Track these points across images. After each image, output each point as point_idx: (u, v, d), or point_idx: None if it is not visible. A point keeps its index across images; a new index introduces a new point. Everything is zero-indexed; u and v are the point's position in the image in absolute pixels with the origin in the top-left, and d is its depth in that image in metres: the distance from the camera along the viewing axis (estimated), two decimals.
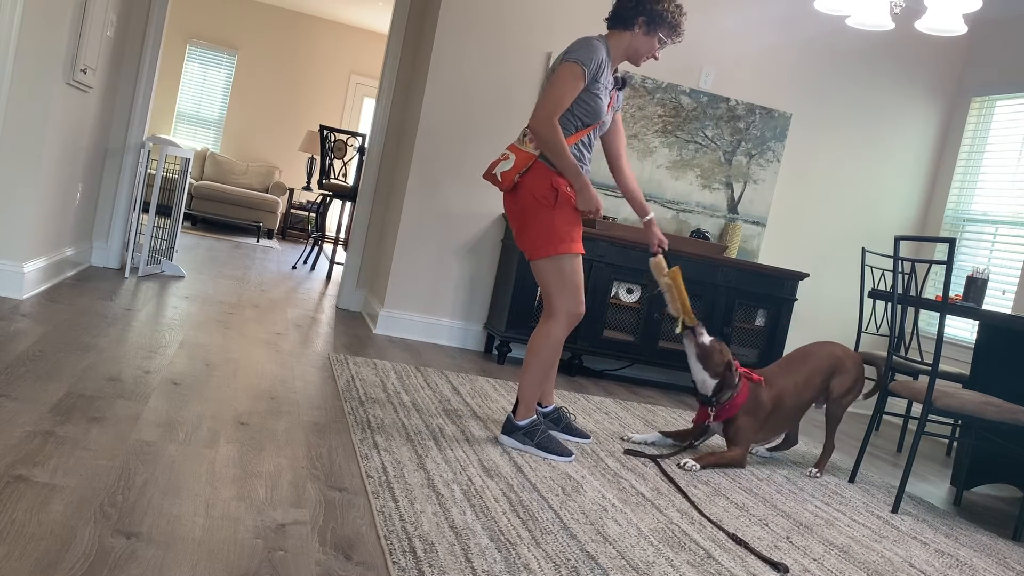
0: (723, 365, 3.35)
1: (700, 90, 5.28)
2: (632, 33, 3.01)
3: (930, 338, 5.41)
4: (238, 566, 1.73)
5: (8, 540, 1.64)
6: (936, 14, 3.71)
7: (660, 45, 3.05)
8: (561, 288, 2.97)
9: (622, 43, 3.03)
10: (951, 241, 3.15)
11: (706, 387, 3.36)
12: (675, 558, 2.26)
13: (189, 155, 5.58)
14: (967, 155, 5.57)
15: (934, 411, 3.15)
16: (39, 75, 3.77)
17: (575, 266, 2.98)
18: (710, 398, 3.37)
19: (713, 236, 5.35)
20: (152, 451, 2.28)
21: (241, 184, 9.92)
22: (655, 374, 5.39)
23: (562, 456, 2.99)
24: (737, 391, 3.36)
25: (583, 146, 3.03)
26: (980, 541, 3.05)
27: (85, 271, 4.99)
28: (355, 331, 4.86)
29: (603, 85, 2.97)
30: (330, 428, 2.83)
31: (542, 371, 3.04)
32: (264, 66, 10.44)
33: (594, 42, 2.93)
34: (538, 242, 2.96)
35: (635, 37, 3.01)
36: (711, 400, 3.37)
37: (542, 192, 2.94)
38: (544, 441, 3.00)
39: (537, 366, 3.02)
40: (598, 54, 2.92)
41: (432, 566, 1.90)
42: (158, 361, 3.23)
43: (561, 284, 2.97)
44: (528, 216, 2.97)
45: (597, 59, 2.91)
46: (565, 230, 2.95)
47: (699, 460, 3.27)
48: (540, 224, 2.95)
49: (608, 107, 3.05)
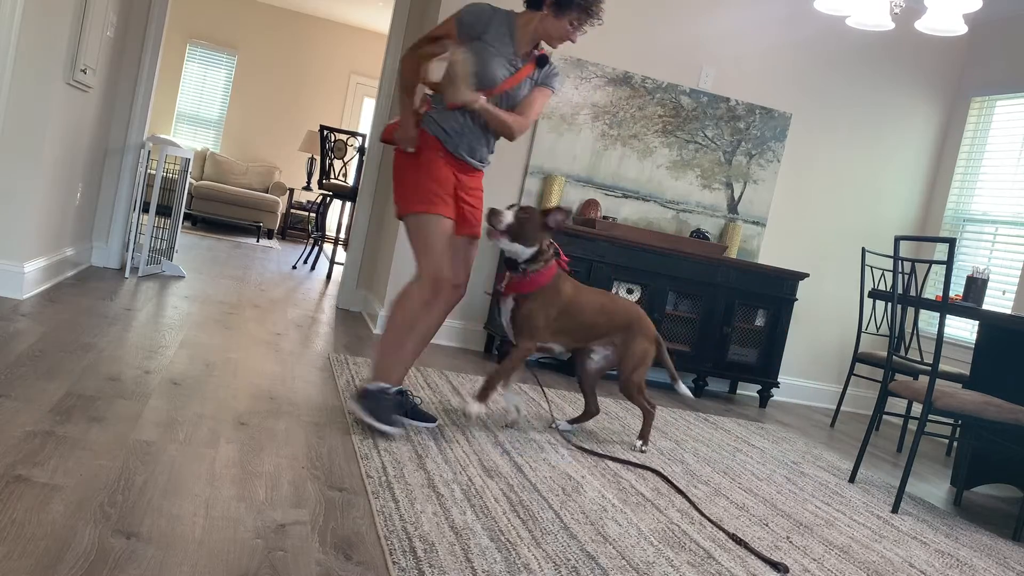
0: (539, 226, 3.07)
1: (700, 90, 5.28)
2: (542, 14, 2.99)
3: (930, 338, 5.41)
4: (238, 566, 1.73)
5: (8, 540, 1.64)
6: (936, 14, 3.71)
7: (573, 28, 2.99)
8: (424, 250, 2.92)
9: (531, 22, 3.00)
10: (951, 241, 3.15)
11: (520, 255, 3.11)
12: (675, 558, 2.26)
13: (189, 155, 5.58)
14: (967, 155, 5.57)
15: (934, 411, 3.15)
16: (39, 75, 3.77)
17: (438, 229, 2.92)
18: (519, 265, 3.12)
19: (713, 236, 5.35)
20: (152, 451, 2.28)
21: (241, 184, 9.92)
22: (655, 374, 5.39)
23: (389, 427, 2.84)
24: (545, 267, 3.12)
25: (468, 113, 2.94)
26: (980, 541, 3.05)
27: (85, 271, 4.99)
28: (355, 331, 4.86)
29: (492, 49, 2.93)
30: (330, 428, 2.83)
31: (395, 336, 2.94)
32: (264, 66, 10.44)
33: (482, 5, 2.98)
34: (402, 199, 2.97)
35: (545, 19, 2.98)
36: (518, 267, 3.12)
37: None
38: (375, 408, 2.86)
39: (391, 329, 2.94)
40: (482, 15, 2.96)
41: (432, 566, 1.90)
42: (158, 361, 3.23)
43: (423, 245, 2.92)
44: (396, 172, 3.02)
45: (480, 17, 2.95)
46: (431, 189, 2.92)
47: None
48: (406, 181, 2.97)
49: (513, 81, 2.98)
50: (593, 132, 5.14)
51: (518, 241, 3.07)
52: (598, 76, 5.11)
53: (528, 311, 3.13)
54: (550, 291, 3.14)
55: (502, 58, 2.97)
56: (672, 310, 5.00)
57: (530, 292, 3.12)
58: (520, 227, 3.06)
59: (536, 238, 3.08)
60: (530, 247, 3.08)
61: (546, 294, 3.13)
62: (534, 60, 3.05)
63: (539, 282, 3.11)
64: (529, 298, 3.13)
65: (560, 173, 5.10)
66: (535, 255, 3.10)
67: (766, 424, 4.57)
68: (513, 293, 3.16)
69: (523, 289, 3.13)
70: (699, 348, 4.99)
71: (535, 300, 3.13)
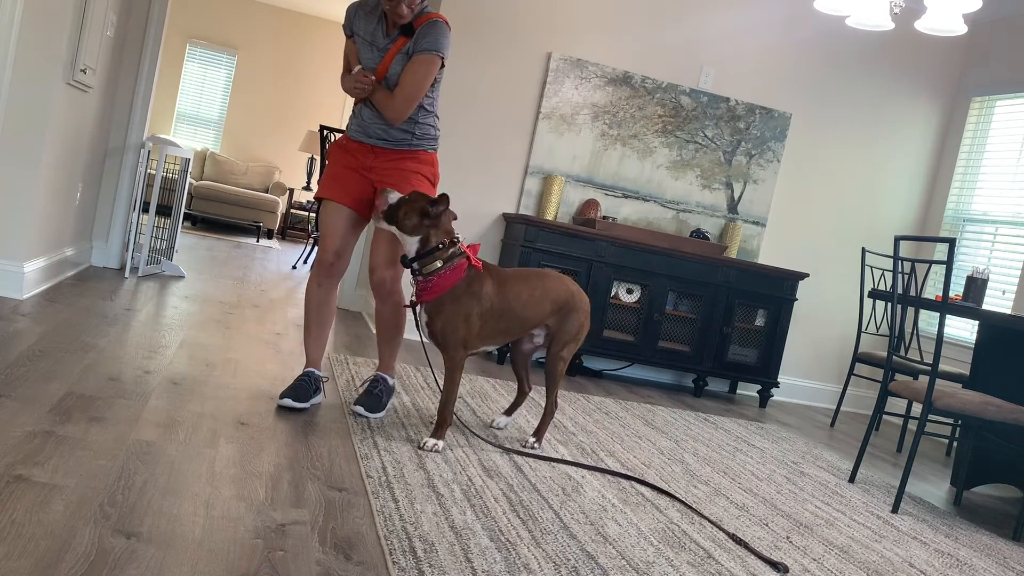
0: (418, 213, 2.77)
1: (700, 90, 5.28)
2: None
3: (930, 338, 5.41)
4: (238, 566, 1.73)
5: (8, 540, 1.64)
6: (936, 14, 3.71)
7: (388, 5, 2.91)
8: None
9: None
10: (951, 241, 3.15)
11: (406, 246, 2.83)
12: (675, 558, 2.26)
13: (189, 155, 5.57)
14: (967, 155, 5.57)
15: (934, 411, 3.15)
16: (39, 75, 3.77)
17: (322, 211, 3.09)
18: (410, 262, 2.82)
19: (713, 236, 5.35)
20: (152, 451, 2.28)
21: (241, 184, 9.92)
22: (655, 374, 5.39)
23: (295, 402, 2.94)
24: (450, 267, 2.80)
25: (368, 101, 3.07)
26: (980, 541, 3.05)
27: (85, 271, 4.99)
28: (355, 331, 4.86)
29: (362, 40, 3.04)
30: (330, 428, 2.83)
31: (306, 319, 3.15)
32: (264, 66, 10.44)
33: (350, 5, 3.10)
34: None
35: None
36: (412, 267, 2.82)
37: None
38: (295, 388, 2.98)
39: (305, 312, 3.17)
40: (348, 15, 3.08)
41: (432, 566, 1.90)
42: (158, 361, 3.23)
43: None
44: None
45: (348, 18, 3.08)
46: (325, 175, 3.12)
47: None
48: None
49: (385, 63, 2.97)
50: (593, 132, 5.14)
51: (395, 226, 2.79)
52: (598, 76, 5.11)
53: (444, 323, 2.79)
54: (465, 297, 2.79)
55: (371, 45, 3.03)
56: (672, 310, 5.00)
57: (439, 298, 2.80)
58: (395, 210, 2.78)
59: (416, 227, 2.77)
60: (411, 236, 2.78)
61: (460, 301, 2.79)
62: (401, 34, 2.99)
63: (443, 286, 2.78)
64: (441, 306, 2.80)
65: (560, 173, 5.10)
66: (426, 251, 2.78)
67: (766, 424, 4.57)
68: (422, 303, 2.83)
69: (428, 296, 2.80)
70: (699, 348, 4.99)
71: (448, 308, 2.79)
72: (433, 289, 2.79)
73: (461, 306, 2.79)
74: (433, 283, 2.78)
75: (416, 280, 2.83)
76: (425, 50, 2.92)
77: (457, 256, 2.82)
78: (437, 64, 2.96)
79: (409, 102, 2.94)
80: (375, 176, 3.03)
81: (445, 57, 2.99)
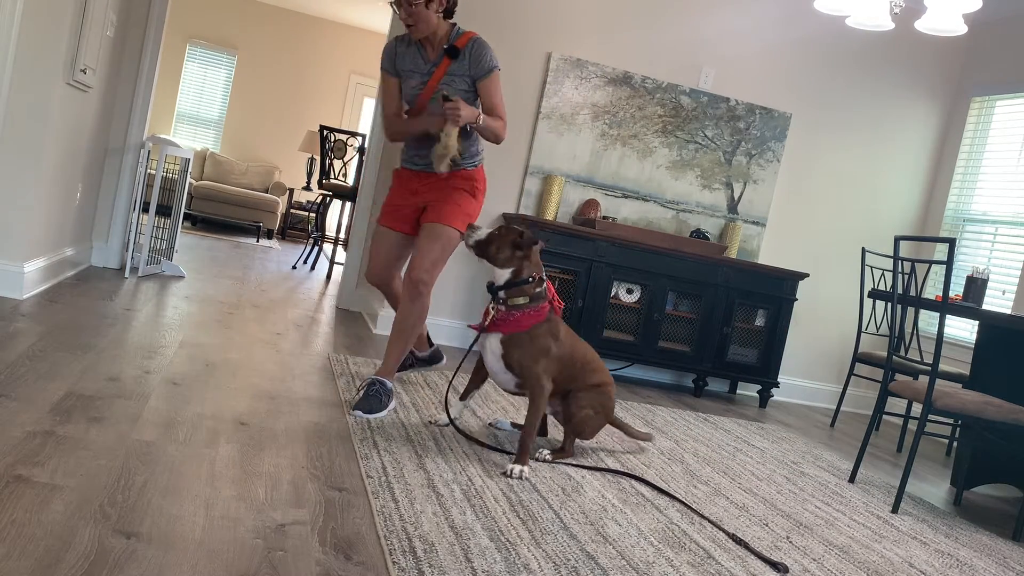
0: (509, 245, 2.83)
1: (700, 90, 5.28)
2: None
3: (930, 338, 5.41)
4: (238, 566, 1.73)
5: (8, 540, 1.64)
6: (936, 14, 3.71)
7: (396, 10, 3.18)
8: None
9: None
10: (951, 241, 3.15)
11: (496, 277, 2.89)
12: (675, 558, 2.26)
13: (189, 155, 5.58)
14: (967, 155, 5.57)
15: (934, 411, 3.15)
16: (39, 75, 3.77)
17: (376, 235, 3.45)
18: (496, 289, 2.86)
19: (713, 236, 5.35)
20: (152, 451, 2.28)
21: (241, 184, 9.92)
22: (655, 374, 5.39)
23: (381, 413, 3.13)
24: (533, 308, 2.85)
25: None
26: (980, 541, 3.05)
27: (85, 271, 4.99)
28: (355, 331, 4.86)
29: (407, 73, 3.28)
30: (330, 428, 2.83)
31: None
32: (264, 66, 10.44)
33: (388, 43, 3.34)
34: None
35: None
36: (498, 295, 2.85)
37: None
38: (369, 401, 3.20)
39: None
40: (388, 52, 3.31)
41: (432, 566, 1.90)
42: (158, 361, 3.23)
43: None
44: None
45: (388, 55, 3.31)
46: (384, 204, 3.47)
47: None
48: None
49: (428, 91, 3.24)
50: (593, 132, 5.14)
51: (487, 258, 2.87)
52: (598, 76, 5.11)
53: (522, 356, 2.83)
54: (544, 337, 2.84)
55: (415, 73, 3.25)
56: (672, 310, 5.01)
57: (516, 334, 2.83)
58: (487, 244, 2.86)
59: (509, 259, 2.84)
60: (502, 268, 2.85)
61: (538, 340, 2.83)
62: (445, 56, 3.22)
63: (523, 324, 2.83)
64: (519, 342, 2.83)
65: (560, 173, 5.10)
66: (517, 282, 2.85)
67: (766, 424, 4.57)
68: (497, 332, 2.86)
69: (505, 329, 2.84)
70: (699, 348, 4.99)
71: (527, 345, 2.83)
72: (511, 324, 2.84)
73: (540, 342, 2.84)
74: (514, 318, 2.84)
75: (496, 307, 2.87)
76: (490, 70, 3.22)
77: (542, 299, 2.89)
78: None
79: (505, 118, 3.29)
80: (419, 199, 3.37)
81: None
